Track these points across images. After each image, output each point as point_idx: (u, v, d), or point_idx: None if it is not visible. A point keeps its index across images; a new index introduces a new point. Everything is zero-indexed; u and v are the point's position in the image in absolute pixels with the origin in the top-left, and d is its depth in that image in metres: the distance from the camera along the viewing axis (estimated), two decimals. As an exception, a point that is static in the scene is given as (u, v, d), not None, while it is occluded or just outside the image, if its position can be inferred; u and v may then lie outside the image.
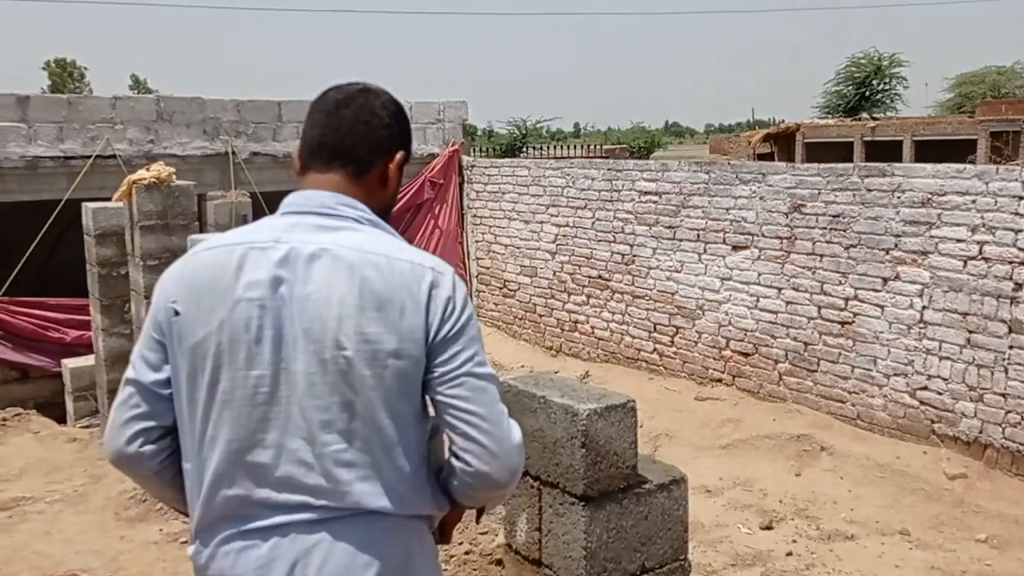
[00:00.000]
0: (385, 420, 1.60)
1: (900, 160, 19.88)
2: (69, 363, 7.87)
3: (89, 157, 8.62)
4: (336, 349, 1.57)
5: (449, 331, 1.62)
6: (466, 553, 5.09)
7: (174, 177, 6.14)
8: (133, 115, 8.96)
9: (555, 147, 18.04)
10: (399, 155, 1.77)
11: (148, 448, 1.68)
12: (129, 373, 1.71)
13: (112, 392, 7.11)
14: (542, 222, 9.96)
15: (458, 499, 1.72)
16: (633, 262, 8.85)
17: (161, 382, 1.67)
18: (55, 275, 8.65)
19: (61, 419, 7.97)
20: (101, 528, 5.60)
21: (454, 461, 1.65)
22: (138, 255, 6.02)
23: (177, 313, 1.63)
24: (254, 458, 1.60)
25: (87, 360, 7.73)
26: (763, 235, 7.57)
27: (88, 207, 7.14)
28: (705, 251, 8.10)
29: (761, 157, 25.45)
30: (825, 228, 7.10)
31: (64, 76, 41.27)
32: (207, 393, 1.61)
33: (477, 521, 1.96)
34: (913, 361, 6.52)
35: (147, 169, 6.10)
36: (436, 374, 1.62)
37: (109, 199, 6.91)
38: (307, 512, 1.59)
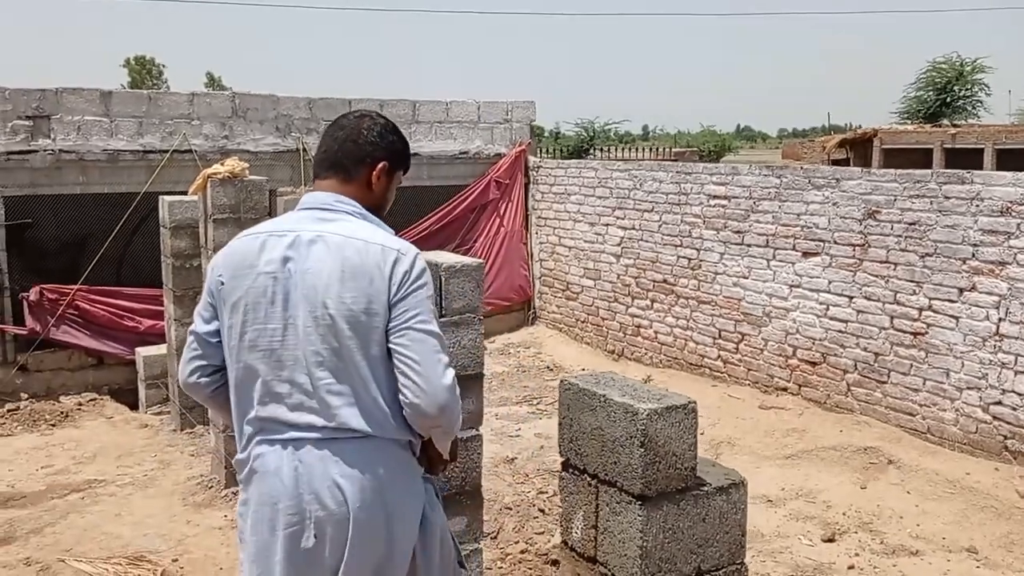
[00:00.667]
0: (360, 360, 2.16)
1: (980, 168, 19.26)
2: (143, 351, 8.11)
3: (167, 151, 8.87)
4: (323, 308, 2.16)
5: (402, 295, 2.18)
6: (521, 552, 5.10)
7: (247, 172, 6.28)
8: (209, 111, 9.19)
9: (623, 149, 17.93)
10: (381, 164, 2.38)
11: (203, 380, 2.32)
12: (191, 327, 2.35)
13: (182, 380, 7.31)
14: (608, 224, 9.92)
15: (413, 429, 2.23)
16: (699, 267, 8.75)
17: (211, 332, 2.29)
18: (132, 265, 8.92)
19: (134, 405, 8.22)
20: (168, 512, 5.76)
21: (399, 396, 2.17)
22: (211, 247, 6.17)
23: (222, 283, 2.25)
24: (275, 388, 2.19)
25: (159, 349, 7.96)
26: (835, 242, 7.42)
27: (164, 200, 7.35)
28: (774, 257, 7.97)
29: (836, 163, 24.89)
30: (900, 236, 6.92)
31: (143, 73, 42.49)
32: (239, 340, 2.21)
33: (451, 459, 2.42)
34: (987, 375, 6.32)
35: (222, 164, 6.24)
36: (390, 327, 2.17)
37: (184, 192, 7.09)
38: (314, 432, 2.16)
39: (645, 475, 2.32)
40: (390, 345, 2.17)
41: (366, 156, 2.37)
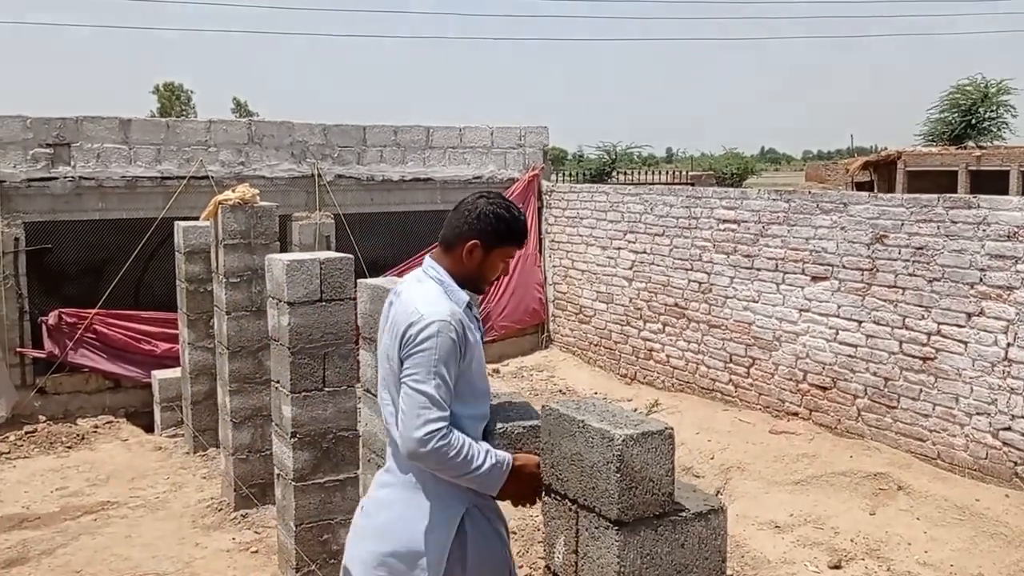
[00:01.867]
0: (390, 401, 2.70)
1: (1007, 192, 19.07)
2: (158, 375, 8.22)
3: (184, 178, 9.02)
4: (386, 349, 2.72)
5: (407, 353, 2.58)
6: (525, 576, 5.11)
7: (257, 198, 6.38)
8: (226, 138, 9.35)
9: (644, 172, 17.97)
10: (472, 242, 2.74)
11: None
12: None
13: (196, 403, 7.40)
14: (619, 248, 9.95)
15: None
16: (710, 291, 8.76)
17: None
18: (149, 289, 9.06)
19: (149, 428, 8.33)
20: (178, 534, 5.83)
21: None
22: (222, 272, 6.27)
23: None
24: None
25: (175, 372, 8.07)
26: (843, 266, 7.41)
27: (180, 225, 7.48)
28: (783, 281, 7.97)
29: (859, 185, 24.74)
30: (908, 260, 6.91)
31: (172, 100, 43.14)
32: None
33: (511, 499, 2.73)
34: (996, 400, 6.27)
35: (233, 190, 6.35)
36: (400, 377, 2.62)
37: (200, 220, 7.21)
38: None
39: (622, 500, 2.35)
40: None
41: (462, 234, 2.74)
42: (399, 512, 2.67)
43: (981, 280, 6.38)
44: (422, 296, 2.66)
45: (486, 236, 2.75)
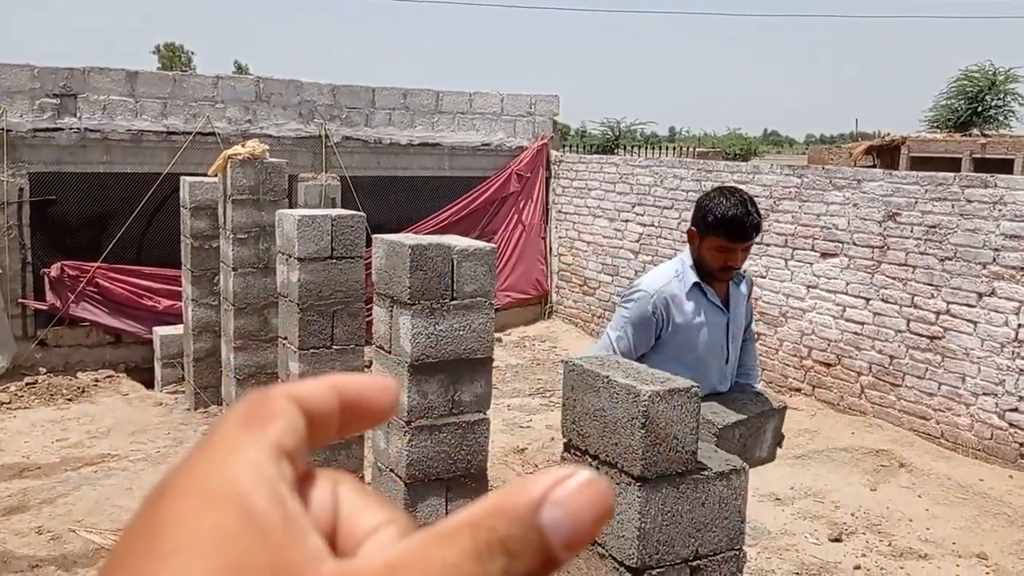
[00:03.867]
0: None
1: (1008, 179, 19.01)
2: (160, 331, 8.18)
3: (190, 134, 8.93)
4: None
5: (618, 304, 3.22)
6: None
7: (267, 154, 6.32)
8: (233, 95, 9.24)
9: (648, 150, 17.84)
10: (689, 229, 3.15)
11: None
12: None
13: (198, 360, 7.36)
14: (627, 221, 9.89)
15: None
16: (717, 265, 8.70)
17: None
18: (152, 245, 8.99)
19: (149, 383, 8.29)
20: (179, 488, 5.80)
21: None
22: (229, 228, 6.21)
23: None
24: None
25: (176, 329, 8.02)
26: (854, 243, 7.36)
27: (186, 180, 7.41)
28: (792, 257, 7.92)
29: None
30: (920, 239, 6.86)
31: (173, 60, 42.78)
32: None
33: None
34: (1004, 381, 6.25)
35: (242, 145, 6.28)
36: None
37: (206, 175, 7.14)
38: None
39: (645, 457, 2.32)
40: None
41: (691, 220, 3.16)
42: None
43: (994, 260, 6.34)
44: (655, 269, 3.27)
45: (696, 223, 3.08)
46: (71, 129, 8.52)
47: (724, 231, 2.99)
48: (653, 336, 3.11)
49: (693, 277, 3.11)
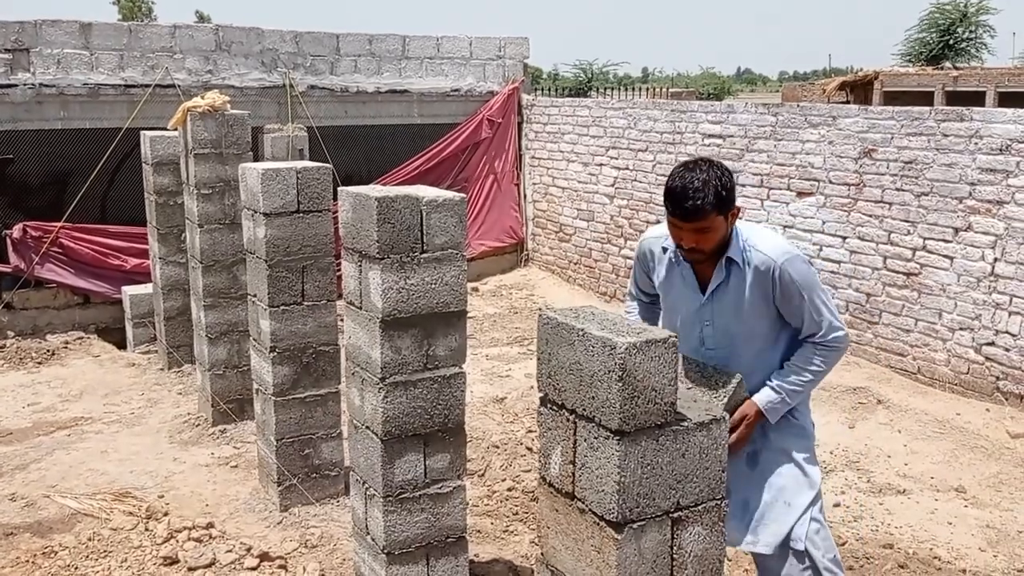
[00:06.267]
0: None
1: (981, 111, 18.96)
2: (129, 290, 8.02)
3: (149, 86, 8.66)
4: None
5: None
6: (508, 489, 5.08)
7: (228, 106, 6.12)
8: (192, 44, 8.95)
9: (622, 92, 17.65)
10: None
11: None
12: None
13: (169, 319, 7.23)
14: (601, 164, 9.77)
15: None
16: (692, 207, 8.62)
17: None
18: (116, 203, 8.77)
19: (121, 344, 8.16)
20: (155, 450, 5.73)
21: None
22: (193, 184, 6.04)
23: None
24: None
25: (146, 288, 7.87)
26: (830, 181, 7.30)
27: (146, 135, 7.20)
28: (768, 197, 7.86)
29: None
30: (896, 175, 6.80)
31: (133, 11, 41.61)
32: None
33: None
34: (981, 315, 6.26)
35: (202, 97, 6.08)
36: None
37: (167, 128, 6.93)
38: None
39: (623, 410, 2.26)
40: None
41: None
42: None
43: (971, 194, 6.30)
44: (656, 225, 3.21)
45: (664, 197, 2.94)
46: (25, 85, 8.23)
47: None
48: (648, 278, 3.19)
49: (672, 246, 2.99)
